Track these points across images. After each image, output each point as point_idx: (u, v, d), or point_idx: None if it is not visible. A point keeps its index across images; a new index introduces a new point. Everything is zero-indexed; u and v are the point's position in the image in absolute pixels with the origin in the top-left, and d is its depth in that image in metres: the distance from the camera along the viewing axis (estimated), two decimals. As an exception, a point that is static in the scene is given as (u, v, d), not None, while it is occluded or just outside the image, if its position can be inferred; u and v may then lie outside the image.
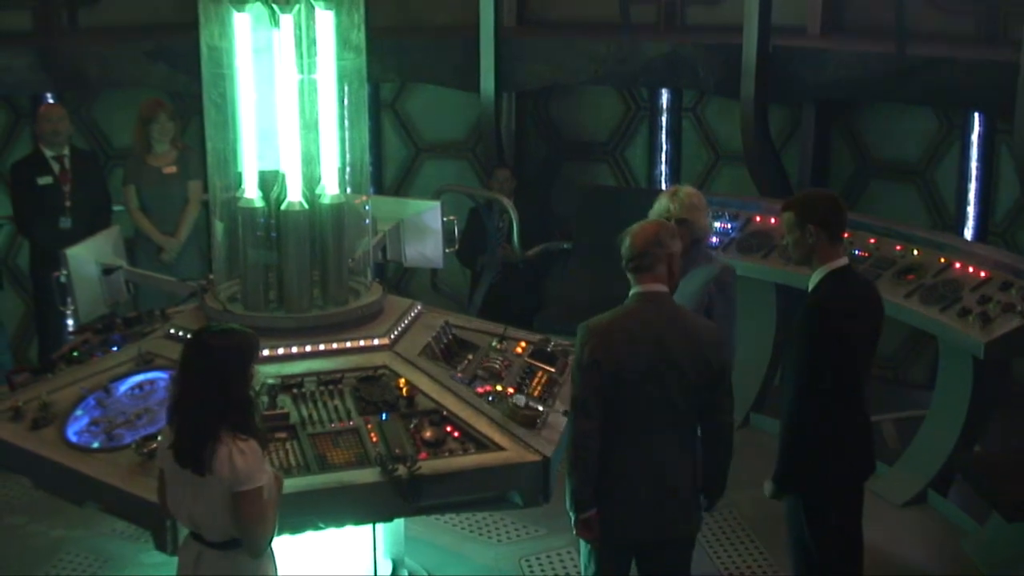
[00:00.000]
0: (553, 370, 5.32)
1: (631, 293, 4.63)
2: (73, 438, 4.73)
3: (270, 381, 4.81)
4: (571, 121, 9.87)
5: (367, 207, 5.44)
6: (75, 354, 5.38)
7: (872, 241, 7.11)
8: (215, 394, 4.02)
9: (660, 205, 5.52)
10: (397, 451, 4.58)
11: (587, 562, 4.76)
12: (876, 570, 6.17)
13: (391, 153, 10.08)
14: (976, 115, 8.26)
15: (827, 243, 4.90)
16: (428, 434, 4.69)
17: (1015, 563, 5.98)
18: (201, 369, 4.06)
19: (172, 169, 7.81)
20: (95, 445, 4.67)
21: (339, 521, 4.71)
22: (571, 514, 4.58)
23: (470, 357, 5.28)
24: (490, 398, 4.95)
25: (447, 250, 6.30)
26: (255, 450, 4.06)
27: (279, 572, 4.27)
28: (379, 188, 9.84)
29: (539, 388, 5.15)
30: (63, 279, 5.77)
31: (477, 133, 9.72)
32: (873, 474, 5.14)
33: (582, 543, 4.76)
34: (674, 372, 4.50)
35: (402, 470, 4.49)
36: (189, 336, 4.20)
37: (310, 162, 5.13)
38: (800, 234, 4.89)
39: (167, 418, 4.16)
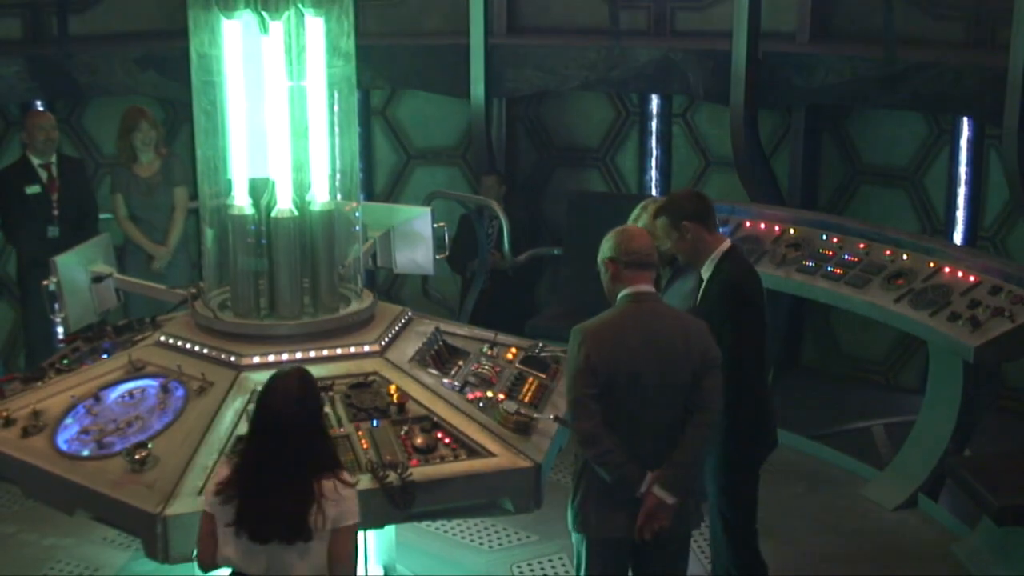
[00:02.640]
0: (544, 376, 5.32)
1: (622, 295, 4.66)
2: (63, 446, 4.71)
3: (260, 388, 4.79)
4: (561, 127, 9.88)
5: (357, 214, 5.44)
6: (65, 362, 5.37)
7: (862, 246, 7.13)
8: (305, 456, 3.89)
9: (640, 223, 5.56)
10: (388, 458, 4.57)
11: (579, 560, 4.77)
12: (867, 574, 6.19)
13: (382, 160, 10.08)
14: (965, 120, 8.29)
15: (707, 234, 5.20)
16: (419, 441, 4.69)
17: (1005, 567, 5.99)
18: (283, 439, 3.89)
19: (157, 178, 7.81)
20: (85, 453, 4.66)
21: (330, 528, 4.70)
22: (635, 490, 4.57)
23: (461, 363, 5.28)
24: (481, 404, 4.95)
25: (437, 256, 6.30)
26: (351, 483, 4.01)
27: None
28: (370, 195, 9.84)
29: (530, 394, 5.15)
30: (52, 287, 5.75)
31: (468, 139, 9.73)
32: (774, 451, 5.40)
33: (575, 542, 4.77)
34: (670, 369, 4.55)
35: (393, 477, 4.48)
36: (257, 407, 4.03)
37: (300, 169, 5.12)
38: (679, 234, 5.19)
39: (238, 492, 3.92)
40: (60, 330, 6.63)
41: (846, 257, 7.12)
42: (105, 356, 5.33)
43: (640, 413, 4.57)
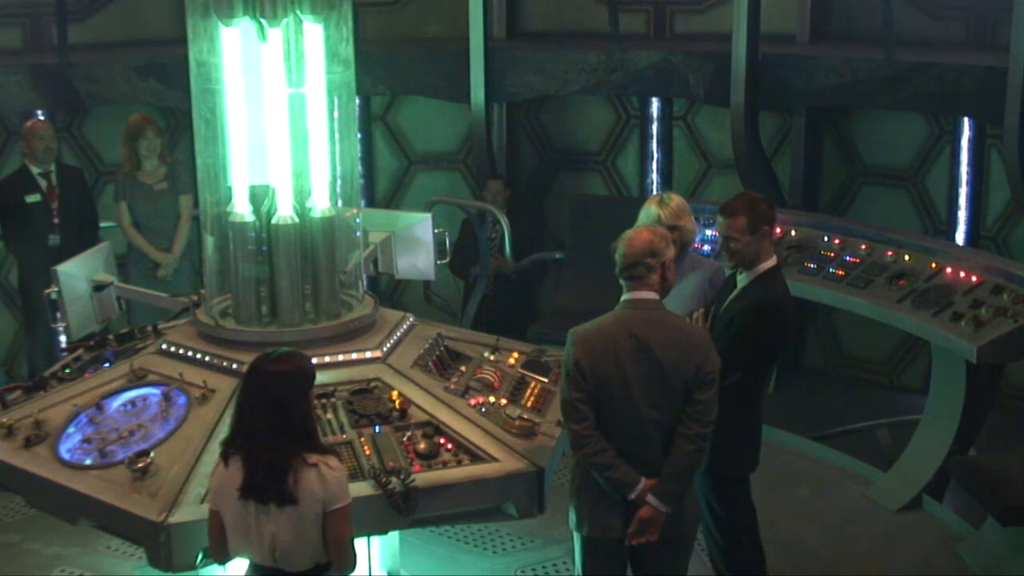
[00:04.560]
0: (546, 380, 5.31)
1: (621, 299, 4.66)
2: (66, 455, 4.71)
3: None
4: (562, 131, 9.89)
5: (358, 220, 5.43)
6: (67, 371, 5.36)
7: (863, 247, 7.12)
8: (275, 423, 4.02)
9: (648, 214, 5.55)
10: (391, 464, 4.56)
11: (579, 561, 4.77)
12: (872, 575, 6.19)
13: (383, 165, 10.09)
14: (966, 120, 8.29)
15: (770, 243, 5.20)
16: (422, 446, 4.68)
17: (1010, 567, 5.98)
18: (258, 400, 4.06)
19: (163, 185, 7.82)
20: (88, 462, 4.65)
21: (334, 535, 4.69)
22: (626, 494, 4.59)
23: (463, 368, 5.27)
24: (483, 409, 4.94)
25: (438, 262, 6.30)
26: (340, 467, 4.12)
27: None
28: (371, 201, 9.85)
29: (532, 399, 5.14)
30: (54, 296, 5.75)
31: (468, 144, 9.74)
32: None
33: (576, 544, 4.77)
34: (661, 378, 4.53)
35: (396, 483, 4.48)
36: (247, 367, 4.21)
37: (300, 176, 5.11)
38: (753, 237, 5.13)
39: (225, 454, 4.12)
40: (63, 339, 6.65)
41: (848, 258, 7.11)
42: (107, 365, 5.32)
43: (632, 419, 4.56)
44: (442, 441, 4.73)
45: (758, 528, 5.46)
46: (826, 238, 7.31)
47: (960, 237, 8.41)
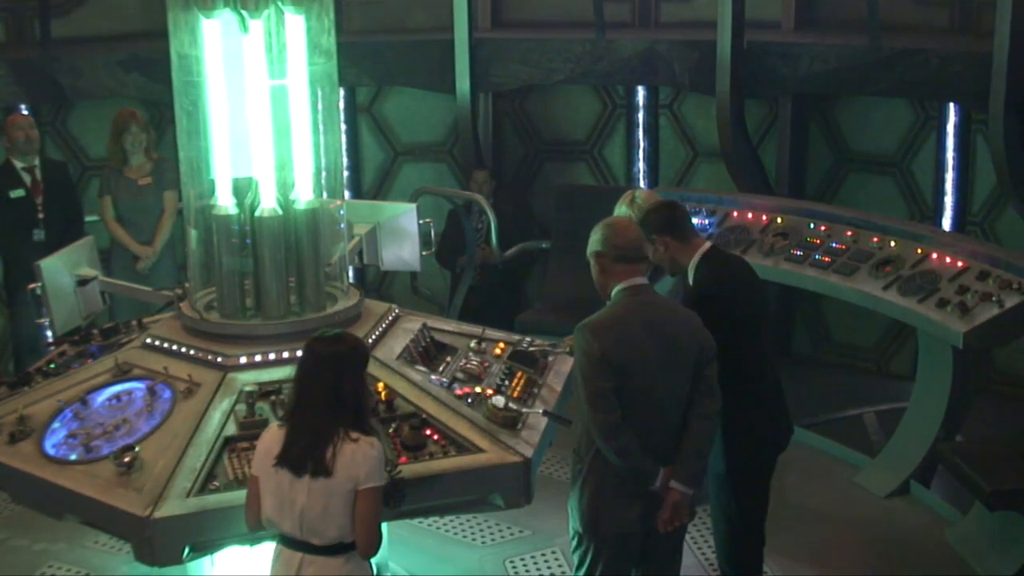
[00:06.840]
0: (532, 371, 5.31)
1: (617, 289, 4.66)
2: (51, 451, 4.69)
3: (247, 388, 4.79)
4: (548, 120, 9.87)
5: (342, 212, 5.42)
6: (52, 366, 5.35)
7: (849, 234, 7.11)
8: (327, 396, 4.13)
9: (620, 212, 5.57)
10: (377, 456, 4.56)
11: (585, 560, 4.76)
12: (860, 562, 6.20)
13: (369, 157, 10.07)
14: (952, 106, 8.29)
15: (682, 245, 5.16)
16: (408, 437, 4.68)
17: (998, 552, 5.99)
18: (313, 374, 4.18)
19: (147, 180, 7.81)
20: (73, 457, 4.64)
21: (320, 527, 4.68)
22: (649, 483, 4.61)
23: (449, 360, 5.26)
24: (469, 400, 4.94)
25: (424, 253, 6.30)
26: (379, 448, 4.17)
27: None
28: (357, 192, 9.84)
29: (518, 389, 5.13)
30: (38, 291, 5.74)
31: (455, 135, 9.72)
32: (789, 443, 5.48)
33: (583, 547, 4.76)
34: (676, 358, 4.59)
35: (383, 474, 4.47)
36: (303, 348, 4.29)
37: (283, 168, 5.10)
38: (653, 248, 5.10)
39: (282, 422, 4.23)
40: (48, 334, 6.63)
41: (834, 245, 7.10)
42: (92, 359, 5.31)
43: (650, 404, 4.58)
44: (428, 432, 4.72)
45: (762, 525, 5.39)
46: (812, 225, 7.30)
47: (946, 223, 8.42)
